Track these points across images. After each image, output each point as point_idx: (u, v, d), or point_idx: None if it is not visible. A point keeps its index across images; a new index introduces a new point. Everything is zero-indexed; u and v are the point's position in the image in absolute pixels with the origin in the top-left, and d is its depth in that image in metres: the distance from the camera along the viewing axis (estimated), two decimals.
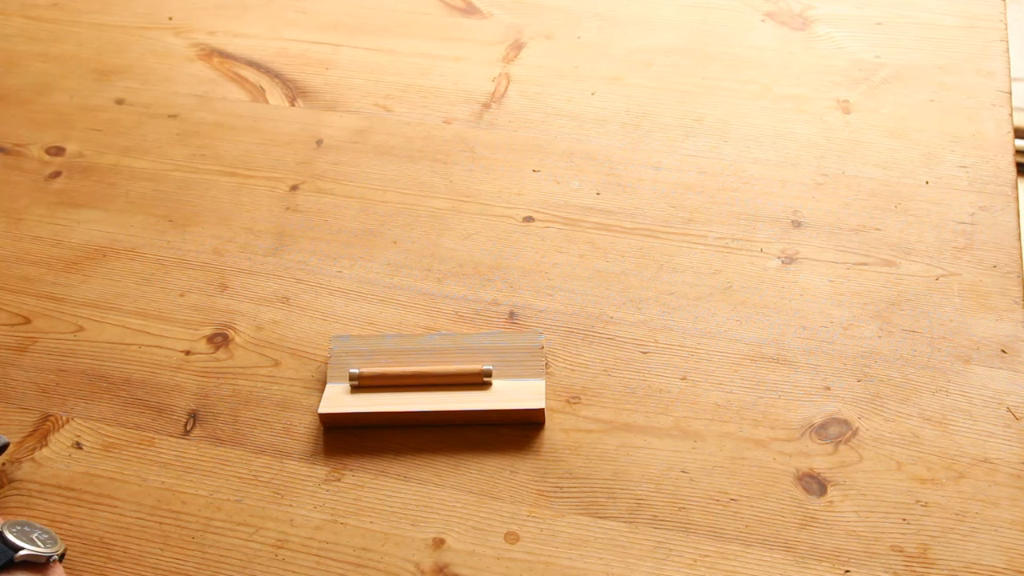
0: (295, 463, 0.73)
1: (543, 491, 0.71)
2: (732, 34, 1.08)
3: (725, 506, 0.70)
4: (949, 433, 0.73)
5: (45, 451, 0.75)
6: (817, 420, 0.74)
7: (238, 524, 0.70)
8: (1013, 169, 0.91)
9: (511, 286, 0.84)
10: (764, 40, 1.07)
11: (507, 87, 1.03)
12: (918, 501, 0.69)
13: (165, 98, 1.04)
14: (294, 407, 0.77)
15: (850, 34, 1.07)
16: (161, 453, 0.74)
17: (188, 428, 0.76)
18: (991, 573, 0.65)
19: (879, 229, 0.87)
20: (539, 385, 0.76)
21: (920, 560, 0.66)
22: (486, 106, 1.01)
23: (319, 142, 0.98)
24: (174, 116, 1.02)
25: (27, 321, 0.84)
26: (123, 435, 0.76)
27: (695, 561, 0.67)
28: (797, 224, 0.88)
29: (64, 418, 0.77)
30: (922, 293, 0.82)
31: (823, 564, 0.66)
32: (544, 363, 0.77)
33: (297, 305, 0.84)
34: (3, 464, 0.74)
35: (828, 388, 0.76)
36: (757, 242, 0.86)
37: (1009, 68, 1.01)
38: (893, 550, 0.67)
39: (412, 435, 0.74)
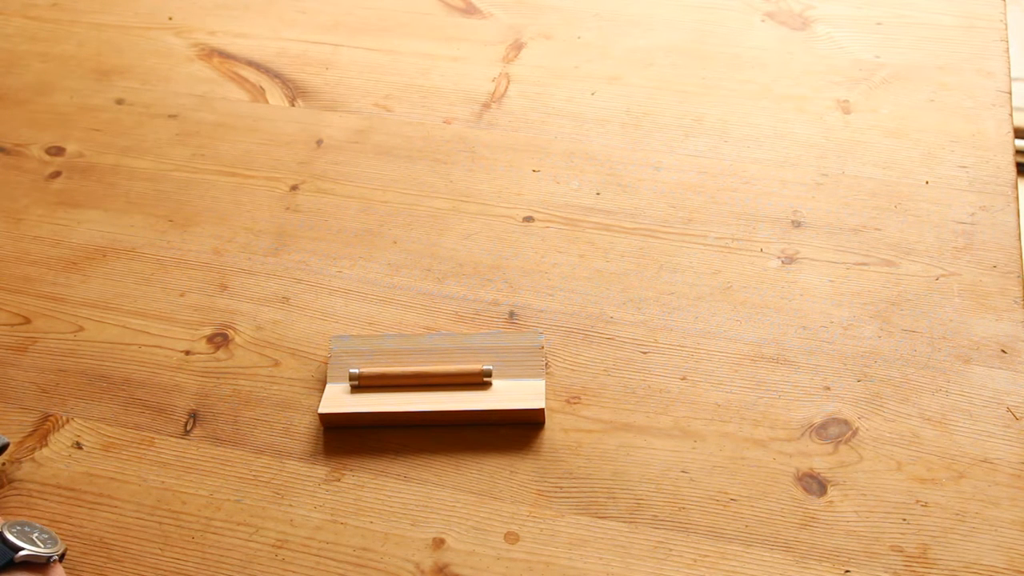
0: (295, 463, 0.73)
1: (543, 491, 0.71)
2: (732, 34, 1.08)
3: (725, 506, 0.70)
4: (949, 433, 0.73)
5: (45, 451, 0.75)
6: (817, 420, 0.74)
7: (238, 524, 0.70)
8: (1013, 169, 0.91)
9: (511, 286, 0.84)
10: (764, 40, 1.07)
11: (507, 87, 1.03)
12: (918, 501, 0.69)
13: (165, 98, 1.04)
14: (294, 407, 0.77)
15: (850, 34, 1.07)
16: (161, 453, 0.74)
17: (188, 428, 0.76)
18: (991, 573, 0.65)
19: (879, 229, 0.87)
20: (539, 385, 0.76)
21: (920, 560, 0.66)
22: (486, 106, 1.01)
23: (319, 142, 0.98)
24: (174, 116, 1.02)
25: (27, 321, 0.84)
26: (123, 435, 0.76)
27: (695, 561, 0.67)
28: (797, 224, 0.88)
29: (64, 418, 0.77)
30: (922, 293, 0.82)
31: (823, 564, 0.66)
32: (544, 363, 0.77)
33: (297, 305, 0.84)
34: (3, 464, 0.74)
35: (828, 388, 0.76)
36: (757, 242, 0.86)
37: (1009, 68, 1.01)
38: (893, 550, 0.67)
39: (412, 435, 0.74)
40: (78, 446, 0.75)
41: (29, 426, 0.77)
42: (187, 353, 0.81)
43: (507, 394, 0.75)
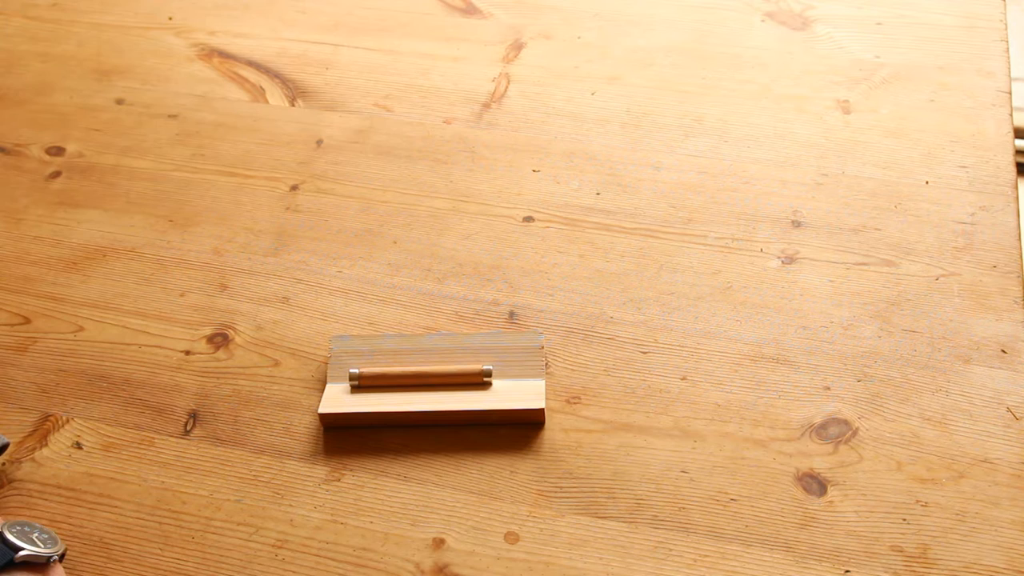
0: (295, 463, 0.73)
1: (543, 491, 0.71)
2: (732, 34, 1.08)
3: (725, 506, 0.70)
4: (949, 433, 0.73)
5: (45, 451, 0.75)
6: (817, 420, 0.74)
7: (238, 524, 0.70)
8: (1013, 169, 0.91)
9: (511, 286, 0.84)
10: (764, 40, 1.07)
11: (507, 87, 1.03)
12: (918, 501, 0.69)
13: (165, 98, 1.04)
14: (294, 407, 0.77)
15: (850, 34, 1.07)
16: (161, 453, 0.74)
17: (188, 428, 0.76)
18: (991, 573, 0.66)
19: (879, 229, 0.87)
20: (539, 385, 0.76)
21: (920, 560, 0.66)
22: (486, 106, 1.01)
23: (319, 142, 0.98)
24: (174, 116, 1.02)
25: (27, 321, 0.84)
26: (123, 435, 0.76)
27: (695, 561, 0.67)
28: (797, 224, 0.88)
29: (64, 418, 0.77)
30: (922, 293, 0.82)
31: (823, 564, 0.66)
32: (544, 363, 0.77)
33: (297, 305, 0.84)
34: (3, 464, 0.74)
35: (828, 388, 0.76)
36: (757, 242, 0.86)
37: (1009, 68, 1.01)
38: (893, 550, 0.67)
39: (412, 435, 0.74)
40: (78, 446, 0.75)
41: (29, 426, 0.77)
42: (187, 353, 0.81)
43: (507, 394, 0.75)
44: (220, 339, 0.82)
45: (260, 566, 0.68)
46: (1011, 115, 0.96)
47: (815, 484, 0.70)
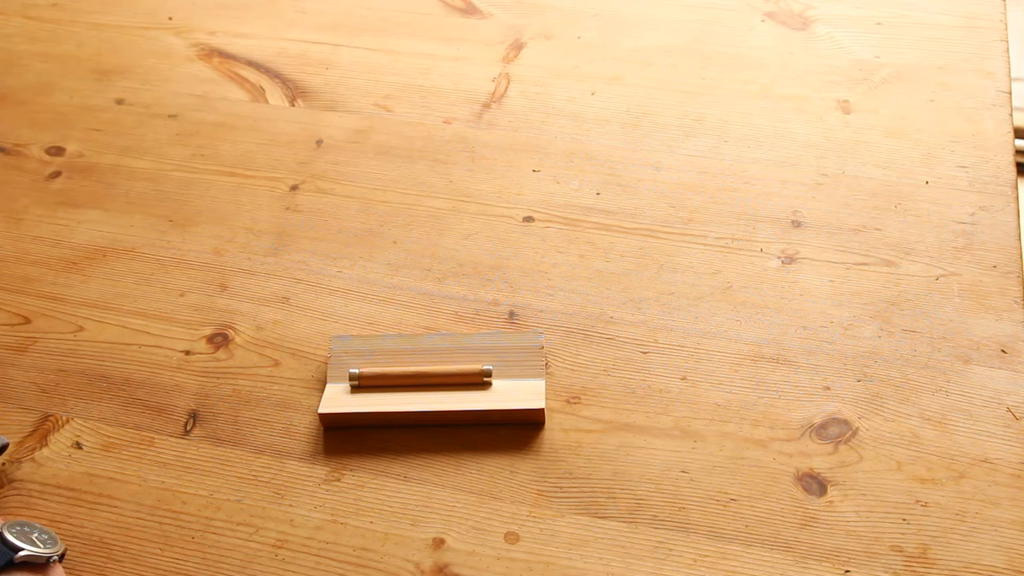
0: (295, 463, 0.73)
1: (543, 491, 0.71)
2: (732, 34, 1.08)
3: (725, 506, 0.70)
4: (949, 433, 0.73)
5: (45, 451, 0.75)
6: (817, 420, 0.74)
7: (238, 524, 0.70)
8: (1013, 169, 0.91)
9: (511, 286, 0.84)
10: (764, 40, 1.07)
11: (507, 87, 1.03)
12: (918, 501, 0.69)
13: (165, 98, 1.04)
14: (294, 407, 0.77)
15: (850, 34, 1.07)
16: (161, 453, 0.74)
17: (188, 428, 0.76)
18: (991, 573, 0.66)
19: (879, 229, 0.87)
20: (539, 385, 0.76)
21: (920, 560, 0.66)
22: (486, 106, 1.01)
23: (319, 142, 0.98)
24: (174, 116, 1.02)
25: (27, 321, 0.84)
26: (123, 435, 0.76)
27: (695, 561, 0.67)
28: (797, 224, 0.88)
29: (64, 418, 0.77)
30: (922, 293, 0.82)
31: (823, 564, 0.66)
32: (544, 363, 0.77)
33: (297, 305, 0.84)
34: (3, 464, 0.74)
35: (828, 388, 0.76)
36: (757, 242, 0.87)
37: (1009, 68, 1.01)
38: (893, 550, 0.67)
39: (412, 435, 0.74)
40: (78, 446, 0.75)
41: (29, 426, 0.77)
42: (187, 353, 0.81)
43: (507, 394, 0.75)
44: (220, 339, 0.82)
45: (260, 566, 0.68)
46: (1011, 115, 0.96)
47: (815, 484, 0.70)
